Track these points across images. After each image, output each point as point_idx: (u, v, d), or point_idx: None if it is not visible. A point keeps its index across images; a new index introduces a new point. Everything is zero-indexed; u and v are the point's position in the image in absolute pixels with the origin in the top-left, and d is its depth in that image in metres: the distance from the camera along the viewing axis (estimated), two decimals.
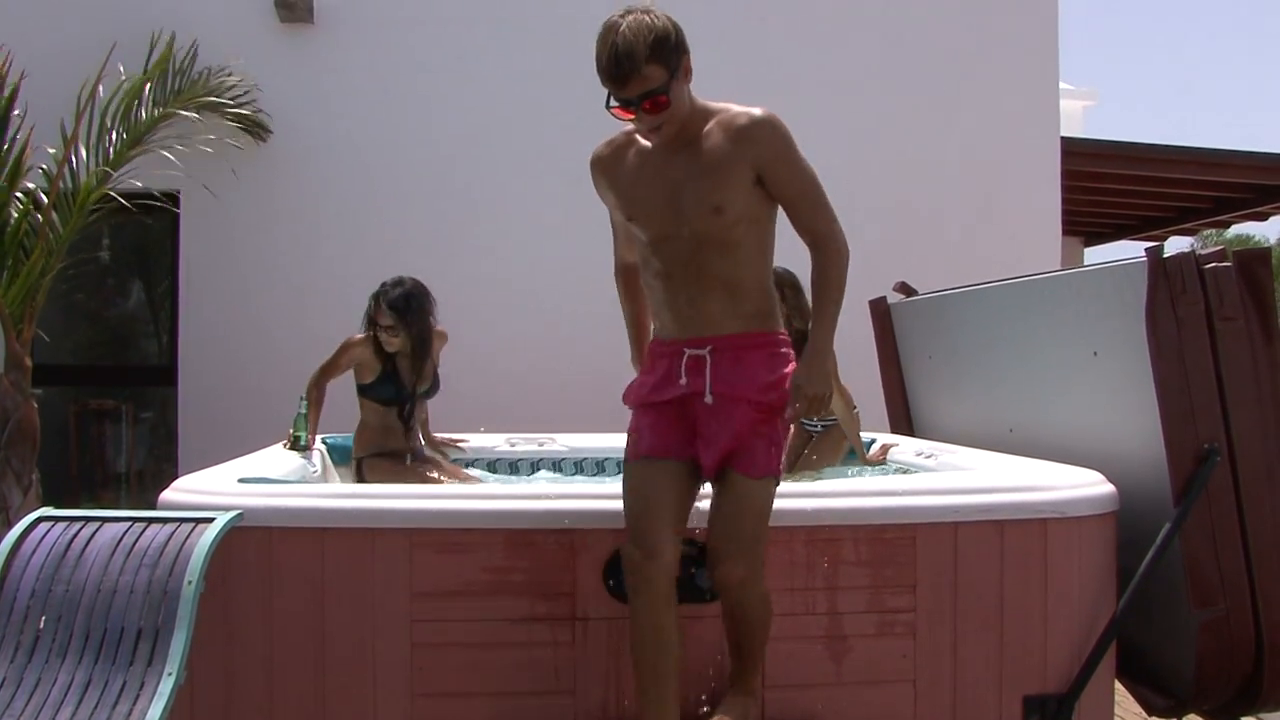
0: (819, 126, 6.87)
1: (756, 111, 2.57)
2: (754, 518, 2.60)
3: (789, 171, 2.59)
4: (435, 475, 4.35)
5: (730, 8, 6.91)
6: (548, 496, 2.94)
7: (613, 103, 2.49)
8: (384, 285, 4.25)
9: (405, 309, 4.19)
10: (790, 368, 2.67)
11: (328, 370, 4.30)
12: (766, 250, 2.71)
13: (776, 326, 2.73)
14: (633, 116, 2.51)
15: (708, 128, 2.58)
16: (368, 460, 4.33)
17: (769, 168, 2.57)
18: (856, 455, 4.70)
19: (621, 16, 2.44)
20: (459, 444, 4.77)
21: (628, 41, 2.39)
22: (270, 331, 6.43)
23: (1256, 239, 29.32)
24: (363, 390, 4.34)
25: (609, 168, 2.73)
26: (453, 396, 4.72)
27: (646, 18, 2.43)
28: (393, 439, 4.36)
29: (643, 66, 2.39)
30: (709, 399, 2.62)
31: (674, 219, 2.59)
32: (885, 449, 4.50)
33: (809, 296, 4.38)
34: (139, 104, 5.70)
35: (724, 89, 7.14)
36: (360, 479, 4.33)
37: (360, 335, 4.30)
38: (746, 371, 2.63)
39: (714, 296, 2.62)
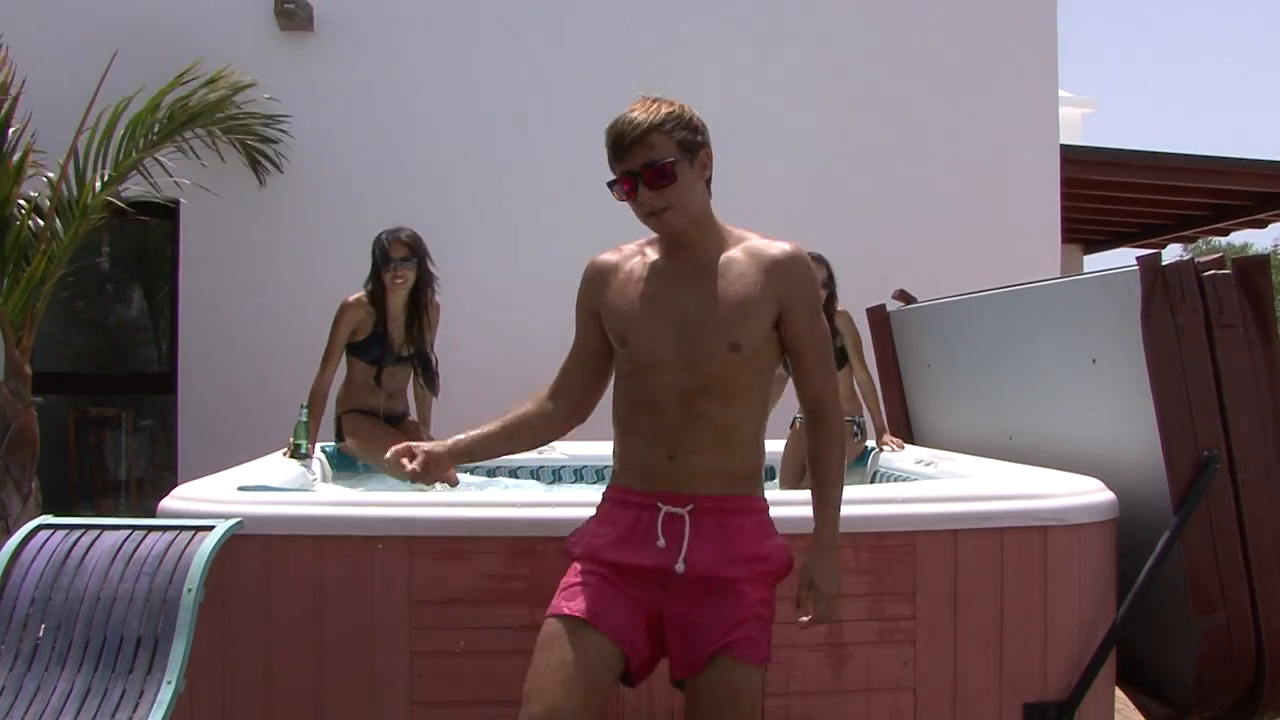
0: (819, 135, 6.93)
1: (788, 245, 2.25)
2: (749, 711, 2.20)
3: (812, 319, 2.28)
4: (415, 438, 4.35)
5: (732, 20, 6.93)
6: (548, 505, 2.94)
7: (614, 179, 2.21)
8: (386, 230, 4.34)
9: (418, 242, 4.32)
10: (779, 539, 2.33)
11: (331, 352, 4.25)
12: (765, 407, 2.37)
13: (761, 491, 2.36)
14: (632, 193, 2.18)
15: (732, 252, 2.25)
16: (347, 416, 4.34)
17: (795, 309, 2.23)
18: (860, 461, 4.73)
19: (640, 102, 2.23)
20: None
21: (636, 111, 2.18)
22: (270, 339, 6.44)
23: (1230, 249, 29.24)
24: (350, 348, 4.33)
25: (608, 276, 2.34)
26: (453, 402, 4.72)
27: (659, 101, 2.21)
28: (374, 398, 4.37)
29: (649, 134, 2.14)
30: (680, 567, 2.19)
31: (681, 348, 2.22)
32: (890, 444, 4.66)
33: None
34: (155, 122, 5.68)
35: (724, 98, 7.17)
36: (339, 436, 4.34)
37: (355, 295, 4.30)
38: (736, 544, 2.24)
39: (704, 447, 2.23)
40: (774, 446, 4.96)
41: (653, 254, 2.32)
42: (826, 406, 2.32)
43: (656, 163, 2.14)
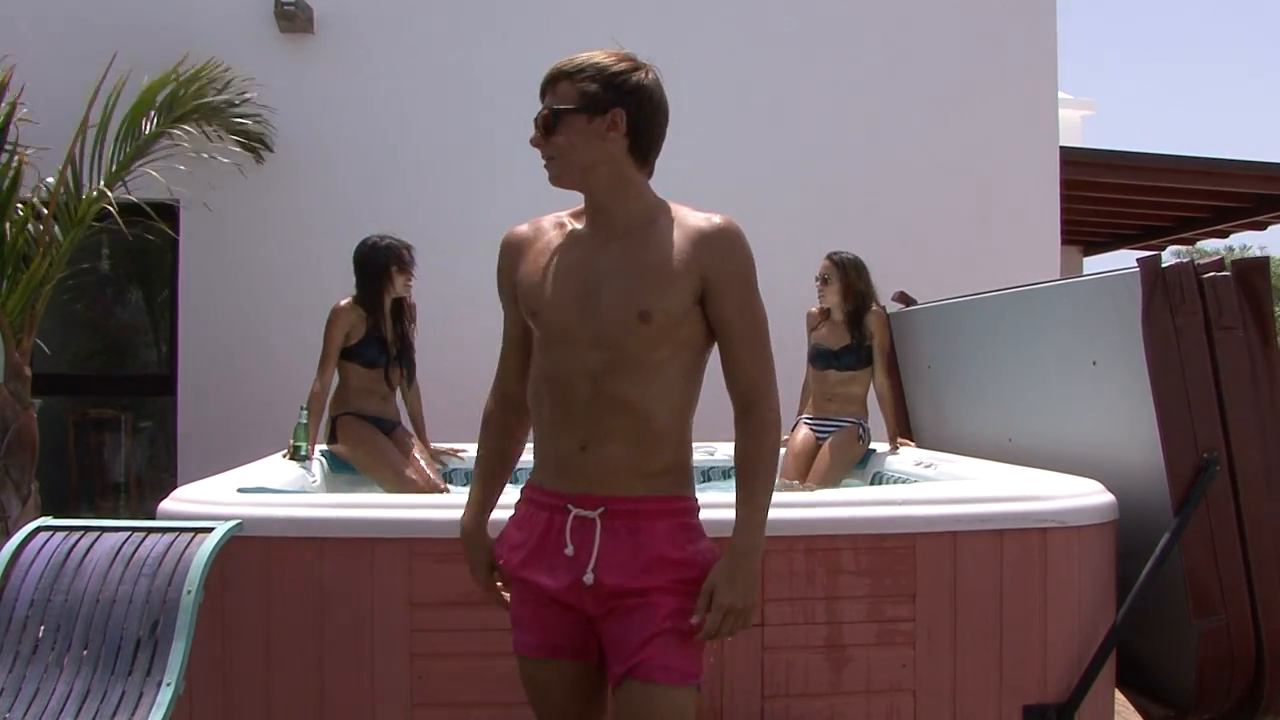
0: (818, 137, 6.93)
1: (720, 218, 2.03)
2: None
3: (743, 297, 2.03)
4: (402, 452, 4.42)
5: (729, 18, 6.93)
6: None
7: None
8: (389, 238, 4.49)
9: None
10: (704, 544, 2.06)
11: (328, 355, 4.32)
12: (690, 391, 2.08)
13: (689, 491, 2.10)
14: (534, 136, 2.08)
15: (657, 222, 2.05)
16: (341, 419, 4.38)
17: (723, 284, 2.01)
18: (861, 463, 4.74)
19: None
20: (458, 454, 4.78)
21: (568, 58, 2.05)
22: (270, 341, 6.43)
23: (1222, 252, 29.21)
24: (345, 353, 4.38)
25: (523, 248, 2.15)
26: (445, 406, 4.71)
27: (608, 54, 2.05)
28: (370, 402, 4.42)
29: (559, 80, 2.01)
30: (588, 578, 1.98)
31: (588, 319, 2.01)
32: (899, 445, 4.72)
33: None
34: (145, 121, 5.70)
35: (723, 98, 7.16)
36: (332, 439, 4.38)
37: (345, 300, 4.39)
38: (648, 550, 1.99)
39: (618, 436, 2.00)
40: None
41: (572, 224, 2.14)
42: (758, 396, 2.04)
43: (549, 107, 2.02)
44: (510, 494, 2.25)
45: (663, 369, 2.02)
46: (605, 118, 2.00)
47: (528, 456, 2.19)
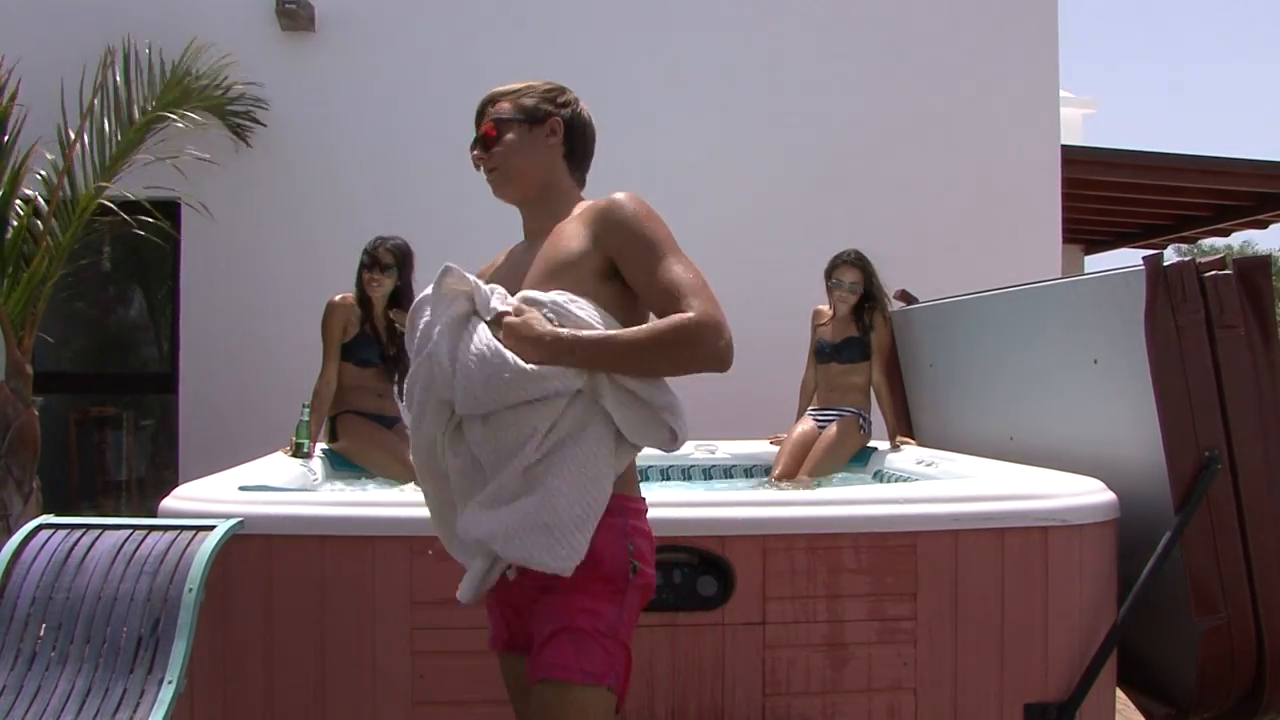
0: (819, 137, 6.92)
1: (617, 194, 2.03)
2: None
3: (654, 259, 1.96)
4: (405, 444, 4.41)
5: (732, 22, 6.92)
6: None
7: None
8: (379, 236, 4.51)
9: (406, 252, 4.49)
10: (614, 537, 1.93)
11: (329, 351, 4.36)
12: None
13: (620, 487, 1.97)
14: (474, 154, 2.19)
15: (569, 218, 2.08)
16: (341, 417, 4.41)
17: (626, 251, 1.97)
18: (862, 461, 4.75)
19: None
20: None
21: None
22: (271, 339, 6.43)
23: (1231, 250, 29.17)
24: (341, 352, 4.42)
25: (490, 267, 2.25)
26: None
27: (543, 82, 2.20)
28: (367, 400, 4.46)
29: (498, 100, 2.16)
30: (510, 574, 1.96)
31: None
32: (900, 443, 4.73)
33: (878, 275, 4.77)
34: (129, 101, 5.71)
35: (725, 98, 7.15)
36: (333, 437, 4.41)
37: (340, 295, 4.44)
38: None
39: None
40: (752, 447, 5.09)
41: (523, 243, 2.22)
42: (694, 313, 1.89)
43: (488, 120, 2.15)
44: None
45: None
46: (544, 126, 2.14)
47: None
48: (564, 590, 1.89)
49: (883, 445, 4.79)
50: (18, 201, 5.15)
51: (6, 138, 5.11)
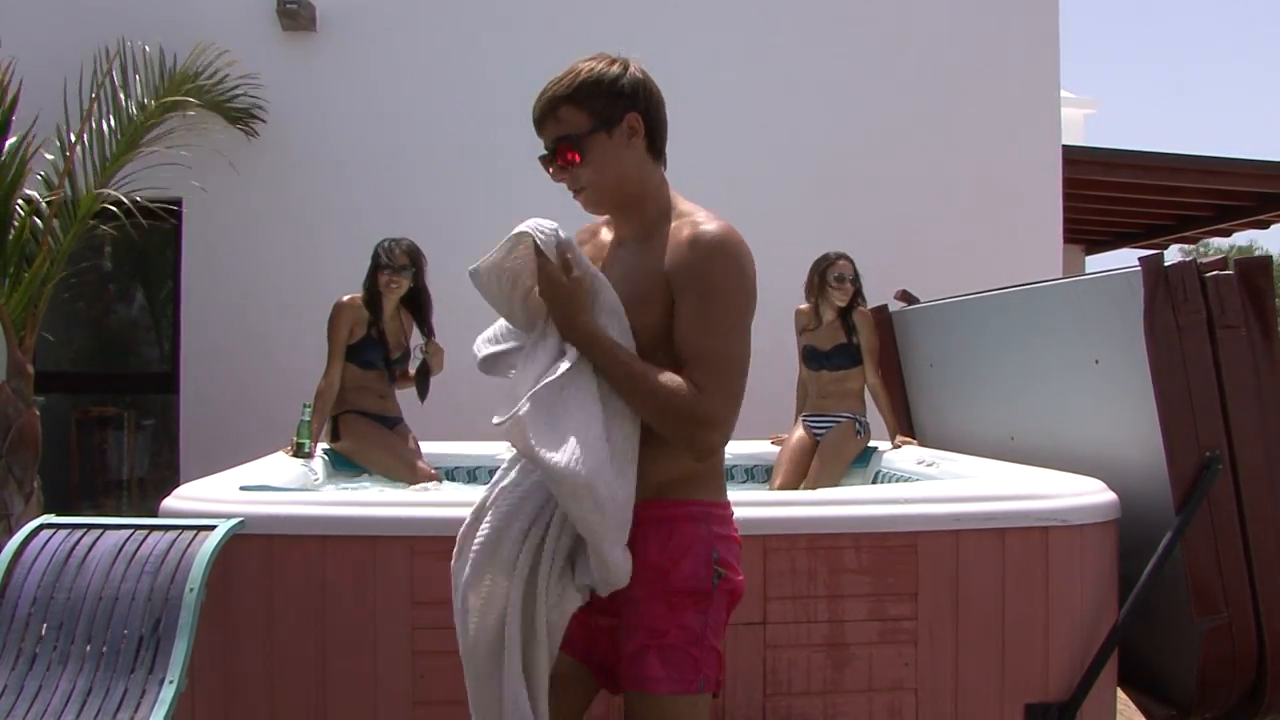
0: (819, 137, 6.93)
1: (713, 225, 1.89)
2: None
3: (700, 304, 1.86)
4: (406, 444, 4.45)
5: (734, 22, 6.93)
6: None
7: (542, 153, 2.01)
8: (390, 238, 4.49)
9: (417, 253, 4.48)
10: (695, 549, 1.91)
11: (334, 352, 4.35)
12: None
13: (711, 493, 1.97)
14: (550, 171, 2.00)
15: (658, 230, 1.95)
16: (343, 416, 4.40)
17: (682, 289, 1.87)
18: (862, 462, 4.74)
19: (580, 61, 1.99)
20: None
21: (554, 81, 1.95)
22: (271, 338, 6.44)
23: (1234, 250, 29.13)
24: (345, 353, 4.40)
25: (589, 238, 2.16)
26: (446, 401, 4.72)
27: (593, 62, 1.94)
28: (369, 400, 4.44)
29: (559, 107, 1.92)
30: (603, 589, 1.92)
31: None
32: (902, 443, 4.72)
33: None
34: (126, 97, 5.72)
35: (726, 99, 7.15)
36: (335, 437, 4.40)
37: (348, 296, 4.41)
38: (641, 555, 1.89)
39: None
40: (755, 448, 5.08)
41: (609, 230, 2.12)
42: (695, 407, 1.84)
43: (563, 139, 1.93)
44: None
45: None
46: (622, 126, 1.93)
47: None
48: (647, 603, 1.89)
49: (883, 445, 4.78)
50: (19, 202, 5.16)
51: (7, 137, 5.11)
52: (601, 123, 1.92)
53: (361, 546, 2.81)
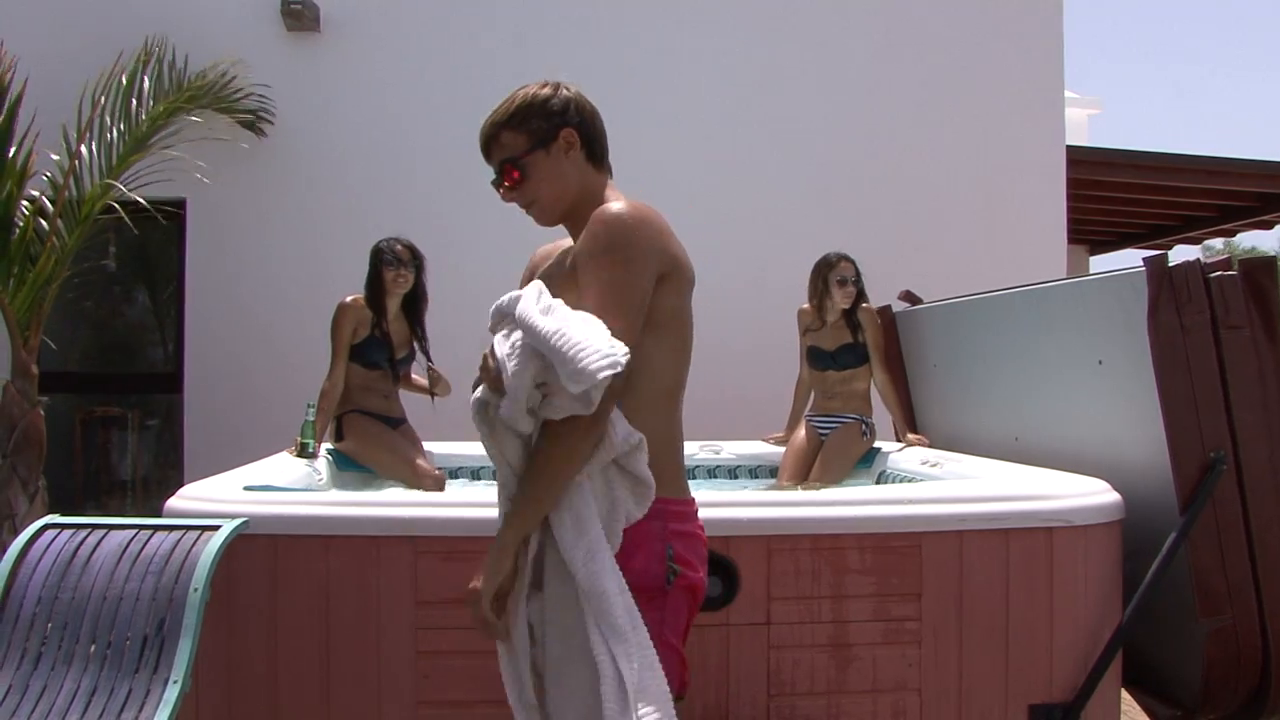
0: (823, 137, 6.92)
1: (611, 206, 1.94)
2: None
3: (587, 276, 1.91)
4: (410, 444, 4.45)
5: (735, 23, 6.93)
6: None
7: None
8: (390, 237, 4.50)
9: (417, 250, 4.51)
10: (649, 548, 1.91)
11: (338, 353, 4.35)
12: (649, 395, 1.94)
13: (660, 490, 1.93)
14: (500, 192, 2.11)
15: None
16: (347, 416, 4.40)
17: (579, 268, 1.94)
18: (866, 462, 4.74)
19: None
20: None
21: (494, 110, 2.08)
22: (276, 338, 6.44)
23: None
24: (349, 353, 4.41)
25: (534, 269, 2.22)
26: (449, 401, 4.72)
27: (528, 88, 2.08)
28: (373, 400, 4.45)
29: (500, 133, 2.06)
30: None
31: None
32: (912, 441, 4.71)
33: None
34: (138, 104, 5.73)
35: (727, 99, 7.13)
36: (339, 437, 4.41)
37: (351, 296, 4.42)
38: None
39: None
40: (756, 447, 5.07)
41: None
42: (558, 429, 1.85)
43: (506, 160, 2.07)
44: None
45: None
46: (559, 141, 2.06)
47: None
48: None
49: (888, 445, 4.78)
50: (23, 202, 5.16)
51: (13, 144, 5.12)
52: (539, 141, 2.05)
53: (365, 547, 2.81)
